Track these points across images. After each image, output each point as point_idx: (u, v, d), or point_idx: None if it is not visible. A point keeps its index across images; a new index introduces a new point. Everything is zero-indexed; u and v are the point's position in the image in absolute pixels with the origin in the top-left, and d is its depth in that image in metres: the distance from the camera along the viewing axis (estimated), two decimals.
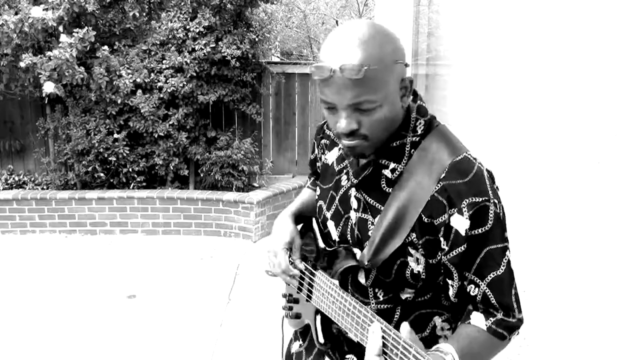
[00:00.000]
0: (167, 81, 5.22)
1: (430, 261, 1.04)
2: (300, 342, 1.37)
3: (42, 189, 5.66)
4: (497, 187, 1.04)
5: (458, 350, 0.98)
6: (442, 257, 1.03)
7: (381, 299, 1.12)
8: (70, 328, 3.48)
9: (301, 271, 1.25)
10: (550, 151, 1.44)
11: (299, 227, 1.32)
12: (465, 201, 0.99)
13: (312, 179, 1.45)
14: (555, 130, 1.41)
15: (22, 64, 4.82)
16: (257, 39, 5.47)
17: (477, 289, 1.03)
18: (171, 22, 5.26)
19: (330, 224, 1.20)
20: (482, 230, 1.00)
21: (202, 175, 5.70)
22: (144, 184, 5.60)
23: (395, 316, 1.12)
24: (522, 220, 1.68)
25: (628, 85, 1.11)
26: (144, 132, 5.38)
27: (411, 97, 1.07)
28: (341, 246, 1.16)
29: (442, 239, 1.02)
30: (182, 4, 5.31)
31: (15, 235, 5.32)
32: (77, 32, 4.83)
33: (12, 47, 4.88)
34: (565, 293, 1.36)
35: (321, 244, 1.24)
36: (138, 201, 5.33)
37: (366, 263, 1.08)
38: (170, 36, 5.27)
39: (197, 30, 5.17)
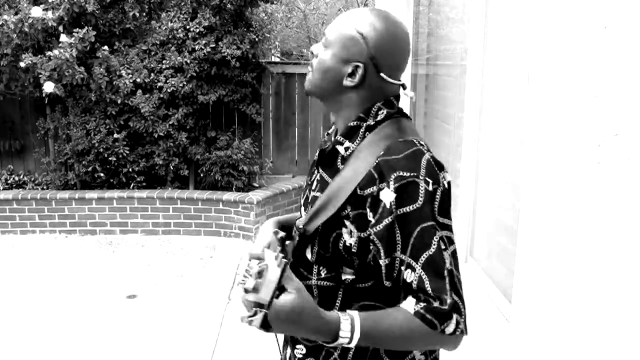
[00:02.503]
0: (167, 81, 5.22)
1: (361, 234, 1.08)
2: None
3: (42, 189, 5.66)
4: (441, 174, 1.07)
5: (364, 317, 0.99)
6: (370, 230, 1.06)
7: (323, 275, 1.16)
8: (70, 328, 3.48)
9: None
10: (550, 151, 1.44)
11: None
12: (394, 175, 1.04)
13: None
14: (555, 130, 1.42)
15: (22, 64, 4.82)
16: (257, 39, 5.47)
17: (413, 273, 1.02)
18: (171, 22, 5.26)
19: (302, 210, 1.27)
20: (411, 208, 1.02)
21: (202, 175, 5.70)
22: (144, 184, 5.60)
23: (338, 299, 1.15)
24: (522, 220, 1.69)
25: (628, 85, 1.11)
26: (144, 132, 5.39)
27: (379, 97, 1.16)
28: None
29: (368, 210, 1.06)
30: (182, 4, 5.31)
31: (15, 235, 5.32)
32: (77, 32, 4.83)
33: (12, 47, 4.88)
34: (564, 294, 1.36)
35: None
36: (138, 201, 5.33)
37: (300, 226, 1.16)
38: (170, 36, 5.27)
39: (197, 30, 5.17)
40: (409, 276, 1.02)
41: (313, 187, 1.22)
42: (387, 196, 1.03)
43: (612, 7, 1.16)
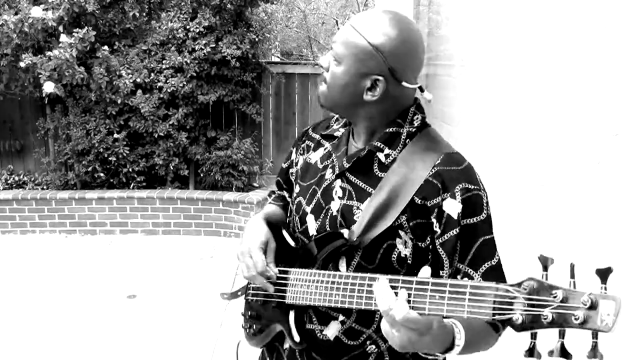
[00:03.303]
0: (167, 81, 5.22)
1: (420, 244, 1.06)
2: None
3: (42, 189, 5.66)
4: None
5: (467, 330, 0.95)
6: (435, 241, 1.05)
7: None
8: (70, 328, 3.48)
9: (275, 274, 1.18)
10: (551, 151, 1.44)
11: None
12: (459, 186, 1.03)
13: (275, 195, 1.42)
14: (555, 130, 1.42)
15: (22, 64, 4.82)
16: (257, 39, 5.47)
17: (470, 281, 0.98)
18: (171, 22, 5.26)
19: (310, 218, 1.19)
20: (476, 219, 1.04)
21: (202, 175, 5.70)
22: (144, 184, 5.60)
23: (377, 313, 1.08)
24: (522, 220, 1.69)
25: (628, 85, 1.12)
26: (144, 132, 5.38)
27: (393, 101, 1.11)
28: (324, 233, 1.13)
29: (434, 220, 1.04)
30: (182, 4, 5.31)
31: (15, 235, 5.32)
32: (77, 32, 4.83)
33: (12, 47, 4.88)
34: None
35: (293, 245, 1.22)
36: (138, 201, 5.33)
37: (355, 239, 1.08)
38: (170, 36, 5.27)
39: (197, 30, 5.17)
40: None
41: (339, 196, 1.14)
42: (454, 207, 1.03)
43: (612, 7, 1.16)
